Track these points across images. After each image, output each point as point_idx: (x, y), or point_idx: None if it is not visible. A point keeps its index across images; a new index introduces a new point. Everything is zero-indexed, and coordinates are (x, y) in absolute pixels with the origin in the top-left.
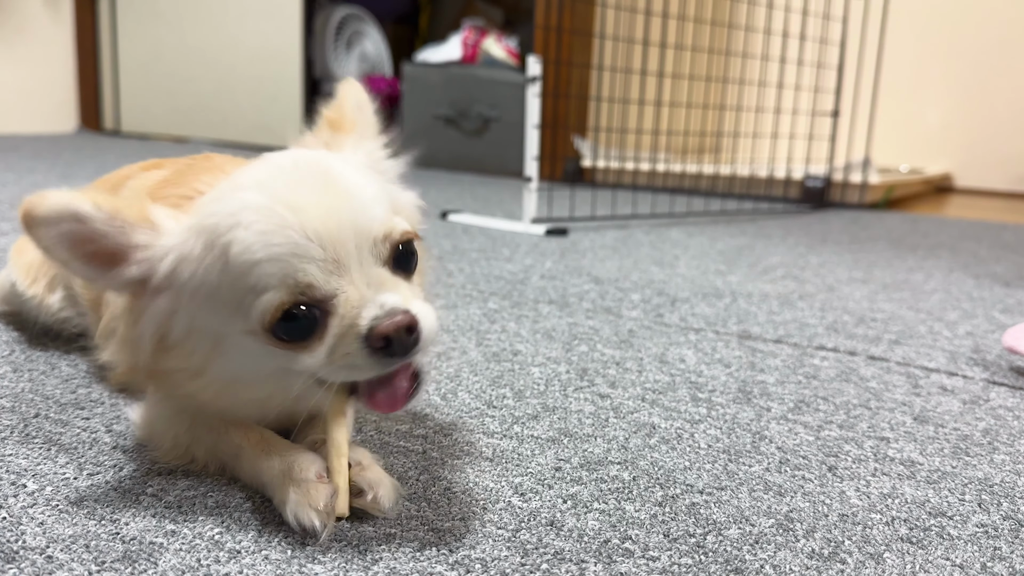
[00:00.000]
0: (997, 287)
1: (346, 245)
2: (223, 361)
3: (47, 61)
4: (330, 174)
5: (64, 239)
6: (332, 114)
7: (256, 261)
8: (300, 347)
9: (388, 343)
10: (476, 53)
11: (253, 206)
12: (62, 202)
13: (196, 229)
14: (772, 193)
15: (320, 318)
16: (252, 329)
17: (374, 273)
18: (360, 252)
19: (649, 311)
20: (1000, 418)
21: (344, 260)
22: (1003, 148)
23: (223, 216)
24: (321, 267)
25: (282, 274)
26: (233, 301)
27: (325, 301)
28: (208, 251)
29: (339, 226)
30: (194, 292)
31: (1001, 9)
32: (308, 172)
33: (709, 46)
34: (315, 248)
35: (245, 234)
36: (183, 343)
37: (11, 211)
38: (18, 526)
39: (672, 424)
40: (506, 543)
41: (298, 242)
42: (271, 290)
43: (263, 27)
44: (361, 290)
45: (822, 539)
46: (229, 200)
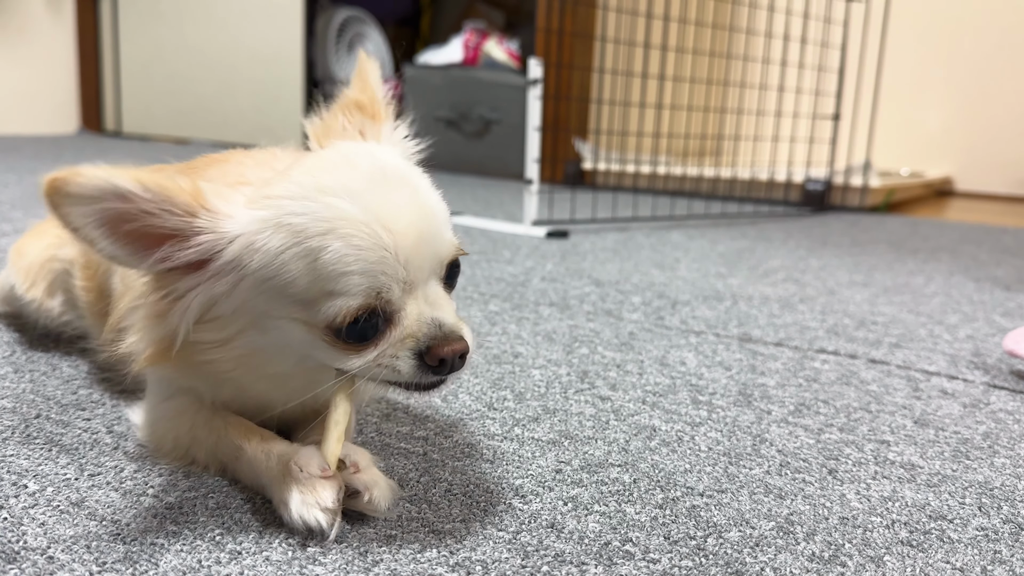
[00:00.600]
0: (997, 291)
1: (424, 269)
2: (257, 336)
3: (48, 62)
4: (417, 191)
5: (100, 218)
6: (361, 97)
7: (347, 272)
8: (353, 348)
9: (441, 363)
10: (477, 55)
11: (350, 218)
12: (102, 178)
13: (274, 224)
14: (773, 196)
15: (382, 327)
16: (312, 322)
17: (432, 289)
18: (431, 273)
19: (650, 314)
20: (1000, 422)
21: (418, 280)
22: (1004, 152)
23: (314, 220)
24: (400, 286)
25: (367, 286)
26: (304, 297)
27: (392, 313)
28: (291, 248)
29: (425, 252)
30: (261, 281)
31: (1001, 13)
32: (395, 185)
33: (710, 49)
34: (402, 271)
35: (340, 245)
36: (222, 319)
37: (12, 211)
38: (19, 527)
39: (673, 427)
40: (507, 545)
41: (390, 263)
42: (353, 297)
43: (264, 29)
44: (421, 306)
45: (822, 542)
46: (319, 204)
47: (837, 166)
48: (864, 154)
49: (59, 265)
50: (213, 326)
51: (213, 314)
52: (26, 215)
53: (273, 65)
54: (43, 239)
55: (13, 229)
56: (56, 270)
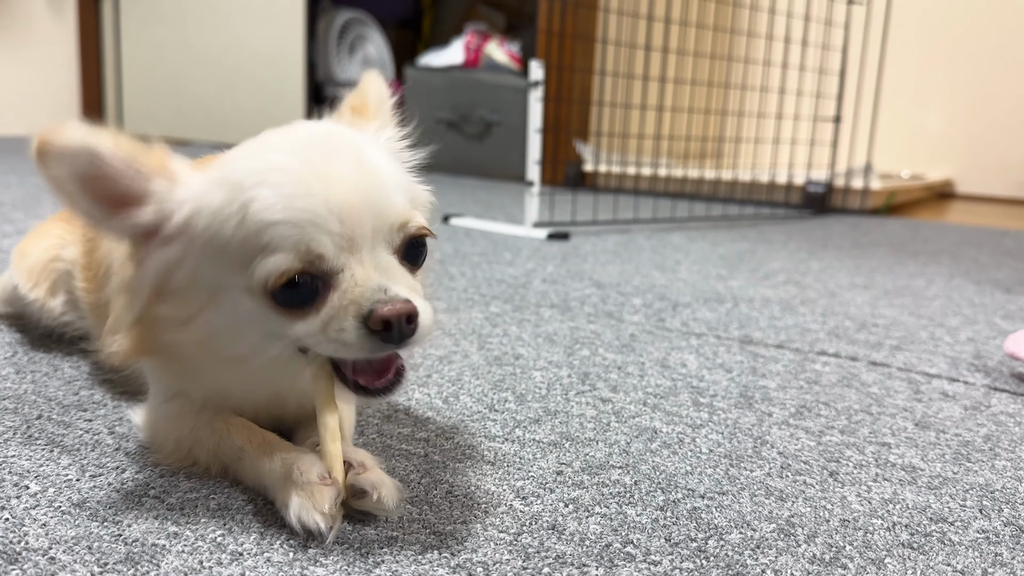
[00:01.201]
0: (998, 293)
1: (364, 225)
2: (213, 313)
3: (50, 63)
4: (362, 152)
5: (76, 176)
6: (355, 100)
7: (274, 222)
8: (295, 314)
9: (387, 327)
10: (478, 57)
11: (282, 168)
12: (80, 137)
13: (219, 182)
14: (774, 198)
15: (321, 290)
16: (252, 288)
17: (383, 258)
18: (375, 235)
19: (651, 315)
20: (1001, 424)
21: (358, 240)
22: (1004, 154)
23: (250, 172)
24: (335, 241)
25: (295, 239)
26: (241, 257)
27: (330, 275)
28: (228, 204)
29: (362, 205)
30: (205, 244)
31: (1002, 15)
32: (341, 145)
33: (711, 51)
34: (334, 221)
35: (269, 193)
36: (181, 292)
37: (14, 212)
38: (21, 527)
39: (674, 429)
40: (507, 547)
41: (319, 212)
42: (280, 253)
43: (266, 30)
44: (368, 271)
45: (823, 544)
46: (259, 158)
47: (838, 168)
48: (865, 156)
49: (62, 266)
50: (173, 302)
51: (171, 286)
52: (28, 216)
53: (274, 66)
54: (46, 240)
55: (15, 230)
56: (58, 270)
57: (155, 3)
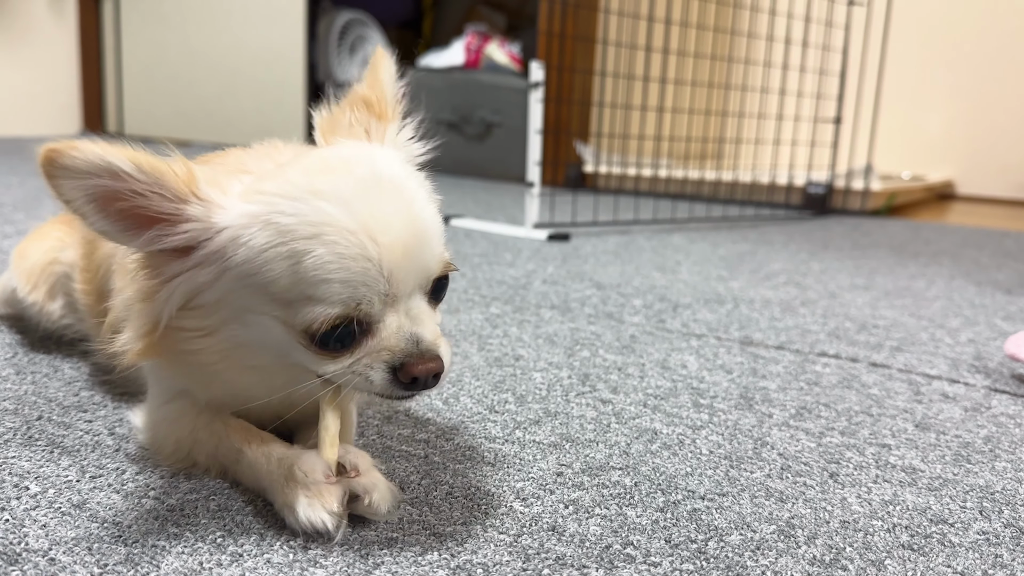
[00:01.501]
0: (999, 294)
1: (408, 283)
2: (239, 328)
3: (51, 64)
4: (411, 202)
5: (92, 194)
6: (370, 94)
7: (327, 279)
8: (330, 355)
9: (414, 381)
10: (479, 58)
11: (337, 225)
12: (97, 155)
13: (262, 221)
14: (774, 199)
15: (358, 336)
16: (290, 323)
17: (415, 304)
18: (415, 287)
19: (651, 317)
20: (1001, 425)
21: (401, 294)
22: (1005, 155)
23: (302, 223)
24: (381, 299)
25: (347, 296)
26: (285, 297)
27: (370, 323)
28: (274, 247)
29: (410, 267)
30: (243, 275)
31: (1003, 17)
32: (389, 194)
33: (711, 52)
34: (384, 284)
35: (324, 251)
36: (207, 307)
37: (14, 213)
38: (21, 528)
39: (674, 430)
40: (507, 548)
41: (372, 275)
42: (331, 306)
43: (267, 31)
44: (401, 319)
45: (823, 546)
46: (309, 207)
47: (838, 169)
48: (865, 157)
49: (60, 268)
50: (197, 314)
51: (197, 302)
52: (28, 217)
53: (275, 67)
54: (45, 242)
55: (15, 231)
56: (57, 273)
57: (156, 4)
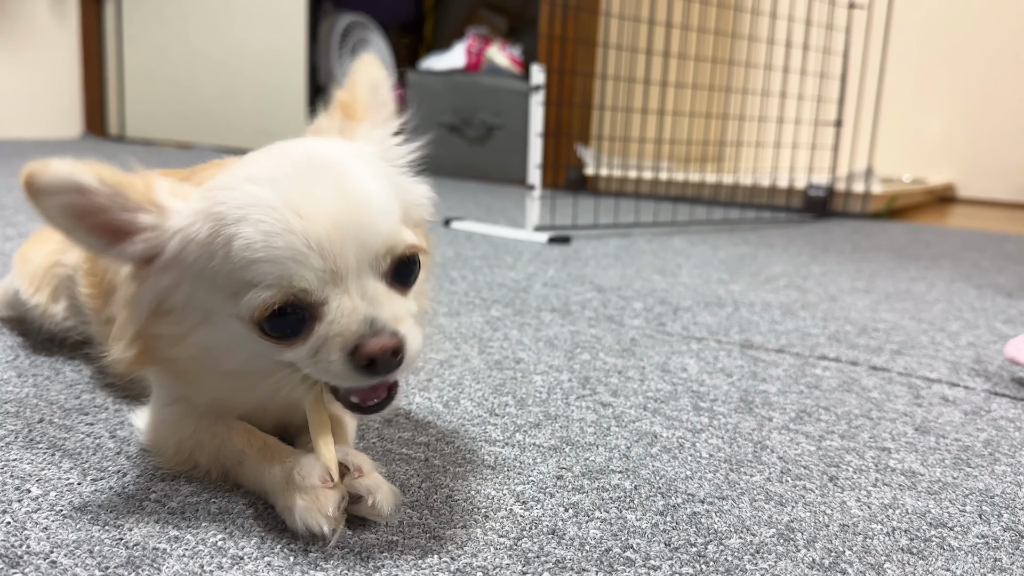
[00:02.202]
0: (999, 298)
1: (346, 257)
2: (208, 331)
3: (52, 66)
4: (344, 178)
5: (66, 210)
6: (345, 97)
7: (256, 260)
8: (283, 342)
9: (372, 363)
10: (480, 61)
11: (261, 203)
12: (64, 173)
13: (204, 214)
14: (775, 202)
15: (307, 320)
16: (241, 317)
17: (370, 286)
18: (360, 264)
19: (651, 320)
20: (1001, 429)
21: (341, 271)
22: (1006, 158)
23: (231, 207)
24: (318, 275)
25: (278, 275)
26: (229, 288)
27: (316, 306)
28: (213, 237)
29: (342, 237)
30: (196, 273)
31: (1004, 19)
32: (322, 173)
33: (712, 56)
34: (314, 256)
35: (249, 231)
36: (176, 312)
37: (16, 216)
38: (22, 531)
39: (674, 433)
40: (508, 551)
41: (298, 248)
42: (265, 288)
43: (268, 33)
44: (354, 301)
45: (823, 549)
46: (239, 191)
47: (839, 172)
48: (866, 160)
49: (63, 271)
50: (168, 321)
51: (166, 307)
52: (30, 219)
53: (276, 70)
54: (47, 245)
55: (17, 233)
56: (60, 275)
57: (157, 6)
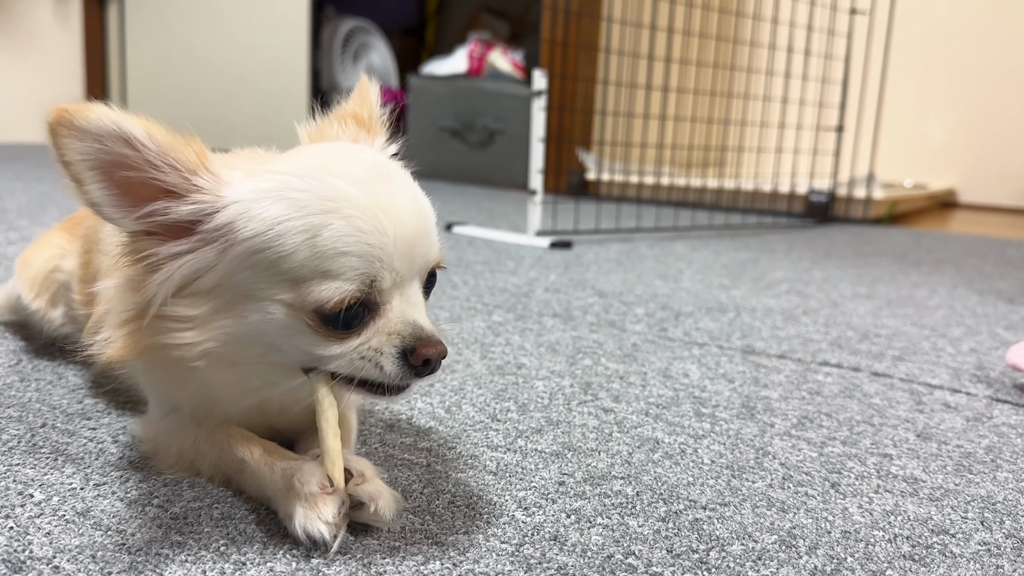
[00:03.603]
0: (1001, 303)
1: (415, 264)
2: (233, 319)
3: (55, 70)
4: (416, 192)
5: (96, 159)
6: (359, 111)
7: (345, 252)
8: (336, 336)
9: (426, 364)
10: (482, 66)
11: (352, 199)
12: (112, 119)
13: (275, 195)
14: (776, 207)
15: (366, 317)
16: (298, 304)
17: (414, 291)
18: (419, 272)
19: (653, 325)
20: (1003, 435)
21: (407, 276)
22: (1007, 164)
23: (318, 197)
24: (393, 277)
25: (363, 271)
26: (294, 275)
27: (377, 304)
28: (290, 221)
29: (418, 248)
30: (249, 251)
31: (1006, 25)
32: (394, 180)
33: (714, 61)
34: (397, 259)
35: (342, 224)
36: (202, 294)
37: (18, 220)
38: (25, 536)
39: (676, 439)
40: (509, 557)
41: (387, 250)
42: (347, 281)
43: (270, 38)
44: (403, 305)
45: (824, 556)
46: (323, 184)
47: (841, 178)
48: (868, 166)
49: (62, 276)
50: (189, 302)
51: (193, 288)
52: (32, 223)
53: (279, 74)
54: (47, 250)
55: (20, 237)
56: (59, 281)
57: (160, 11)
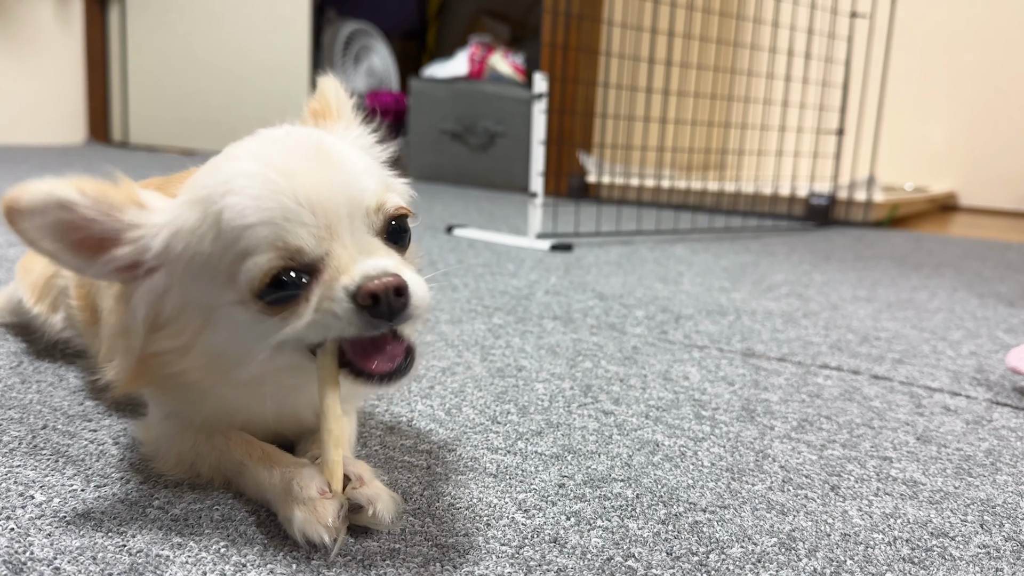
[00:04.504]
0: (1001, 307)
1: (338, 212)
2: (212, 335)
3: (57, 73)
4: (322, 145)
5: (50, 229)
6: (316, 104)
7: (248, 225)
8: (287, 311)
9: (375, 301)
10: (483, 69)
11: (245, 172)
12: (45, 191)
13: (189, 202)
14: (776, 210)
15: (308, 282)
16: (242, 297)
17: (366, 241)
18: (352, 220)
19: (653, 328)
20: (1003, 439)
21: (335, 226)
22: (1008, 167)
23: (216, 185)
24: (312, 232)
25: (273, 237)
26: (224, 269)
27: (314, 265)
28: (202, 221)
29: (331, 192)
30: (188, 265)
31: (1006, 28)
32: (301, 142)
33: (714, 64)
34: (306, 213)
35: (237, 199)
36: (174, 321)
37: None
38: (26, 537)
39: (675, 442)
40: (509, 560)
41: (289, 206)
42: (260, 254)
43: (272, 40)
44: (352, 253)
45: (824, 559)
46: (222, 169)
47: (841, 181)
48: (868, 169)
49: (62, 282)
50: (168, 333)
51: (164, 318)
52: None
53: (280, 77)
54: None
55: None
56: (59, 286)
57: (161, 13)
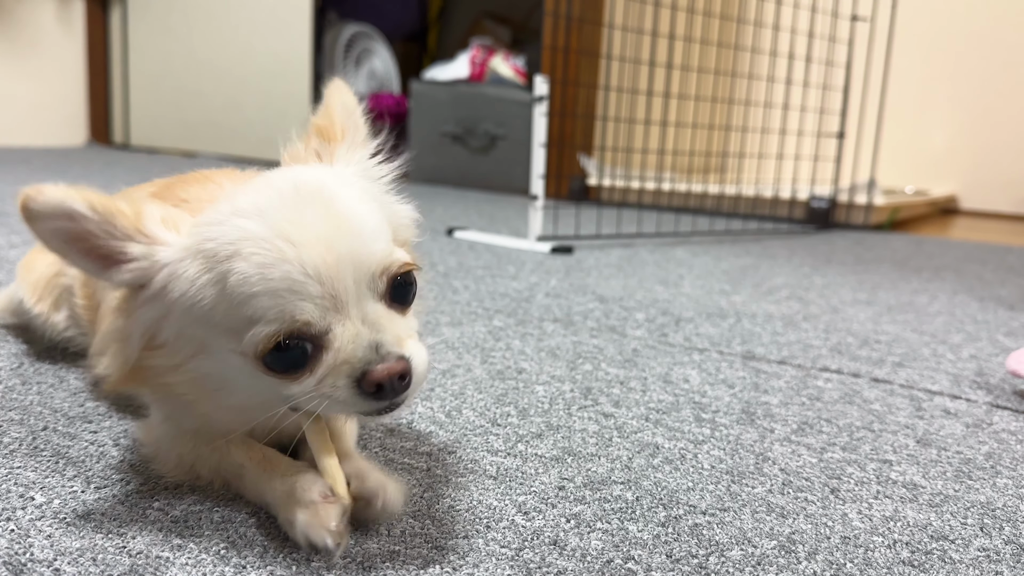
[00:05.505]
0: (1001, 310)
1: (344, 281)
2: (204, 362)
3: (58, 75)
4: (332, 203)
5: (59, 234)
6: (321, 121)
7: (253, 294)
8: (288, 376)
9: (379, 388)
10: (484, 71)
11: (253, 237)
12: (56, 198)
13: (193, 251)
14: (777, 213)
15: (312, 352)
16: (244, 351)
17: (370, 309)
18: (358, 288)
19: (653, 330)
20: (1003, 442)
21: (341, 296)
22: (1009, 170)
23: (222, 244)
24: (317, 304)
25: (278, 309)
26: (227, 325)
27: (319, 336)
28: (204, 275)
29: (338, 262)
30: (185, 310)
31: (1007, 31)
32: (309, 200)
33: (715, 67)
34: (312, 285)
35: (244, 266)
36: (170, 344)
37: (21, 223)
38: (26, 539)
39: (675, 444)
40: (509, 562)
41: (295, 279)
42: (266, 324)
43: (273, 43)
44: (356, 327)
45: (824, 561)
46: (229, 227)
47: (841, 184)
48: (868, 172)
49: (65, 280)
50: (163, 352)
51: (159, 340)
52: None
53: (281, 79)
54: (50, 255)
55: (22, 240)
56: (62, 285)
57: (163, 15)
